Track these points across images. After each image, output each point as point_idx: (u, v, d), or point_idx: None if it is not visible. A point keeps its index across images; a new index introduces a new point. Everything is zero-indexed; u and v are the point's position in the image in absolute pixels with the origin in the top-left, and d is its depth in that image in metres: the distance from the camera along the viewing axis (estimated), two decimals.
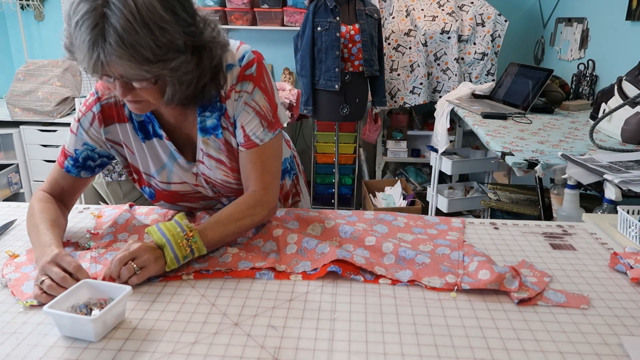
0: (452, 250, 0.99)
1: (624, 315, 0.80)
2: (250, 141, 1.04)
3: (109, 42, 0.80)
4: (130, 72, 0.84)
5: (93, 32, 0.80)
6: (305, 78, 2.93)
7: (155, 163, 1.10)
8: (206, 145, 1.07)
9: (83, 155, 1.09)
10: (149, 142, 1.08)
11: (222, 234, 0.97)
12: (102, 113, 1.06)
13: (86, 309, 0.77)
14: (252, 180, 1.05)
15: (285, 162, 1.27)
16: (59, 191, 1.10)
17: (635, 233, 1.04)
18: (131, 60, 0.82)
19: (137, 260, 0.86)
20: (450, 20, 3.17)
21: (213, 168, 1.09)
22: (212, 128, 1.05)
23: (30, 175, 3.26)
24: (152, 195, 1.15)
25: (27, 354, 0.71)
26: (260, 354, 0.70)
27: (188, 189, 1.14)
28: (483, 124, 2.18)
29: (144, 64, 0.83)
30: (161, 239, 0.89)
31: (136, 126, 1.08)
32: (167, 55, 0.85)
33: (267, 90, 1.04)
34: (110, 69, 0.84)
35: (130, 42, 0.80)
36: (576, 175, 1.42)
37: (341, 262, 0.92)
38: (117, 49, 0.80)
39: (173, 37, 0.85)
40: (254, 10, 3.42)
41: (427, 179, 3.66)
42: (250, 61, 1.02)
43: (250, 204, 1.02)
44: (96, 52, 0.81)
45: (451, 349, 0.72)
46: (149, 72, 0.85)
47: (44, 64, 3.15)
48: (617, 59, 2.45)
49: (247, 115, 1.03)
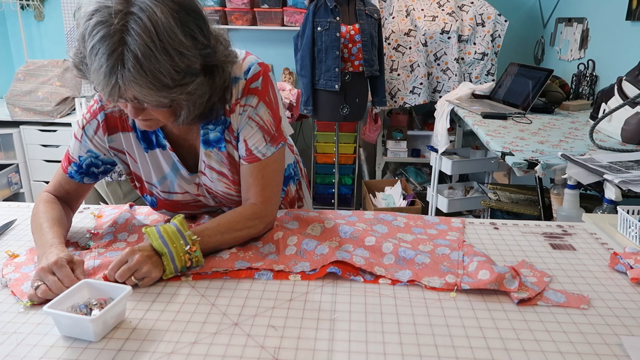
0: (451, 250, 0.99)
1: (624, 315, 0.80)
2: (252, 155, 1.03)
3: (128, 68, 0.78)
4: (147, 99, 0.83)
5: (111, 58, 0.78)
6: (305, 78, 2.93)
7: (157, 173, 1.10)
8: (208, 157, 1.06)
9: (87, 162, 1.08)
10: (151, 152, 1.08)
11: (218, 242, 0.97)
12: (106, 122, 1.06)
13: (86, 309, 0.76)
14: (252, 193, 1.05)
15: (289, 168, 1.26)
16: (63, 194, 1.11)
17: (635, 233, 1.04)
18: (150, 87, 0.80)
19: (137, 273, 0.85)
20: (450, 20, 3.17)
21: (215, 180, 1.08)
22: (215, 141, 1.04)
23: (30, 175, 3.26)
24: (154, 204, 1.15)
25: (27, 354, 0.71)
26: (260, 354, 0.70)
27: (189, 199, 1.13)
28: (483, 124, 2.18)
29: (163, 90, 0.82)
30: (162, 247, 0.88)
31: (139, 136, 1.07)
32: (185, 80, 0.84)
33: (271, 104, 1.03)
34: (127, 94, 0.83)
35: (150, 69, 0.78)
36: (576, 175, 1.42)
37: (341, 263, 0.92)
38: (136, 76, 0.78)
39: (191, 61, 0.84)
40: (254, 10, 3.42)
41: (427, 179, 3.66)
42: (255, 74, 1.01)
43: (250, 216, 1.01)
44: (114, 78, 0.79)
45: (451, 349, 0.72)
46: (167, 97, 0.84)
47: (44, 64, 3.15)
48: (617, 59, 2.45)
49: (251, 130, 1.02)
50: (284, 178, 1.24)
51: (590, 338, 0.74)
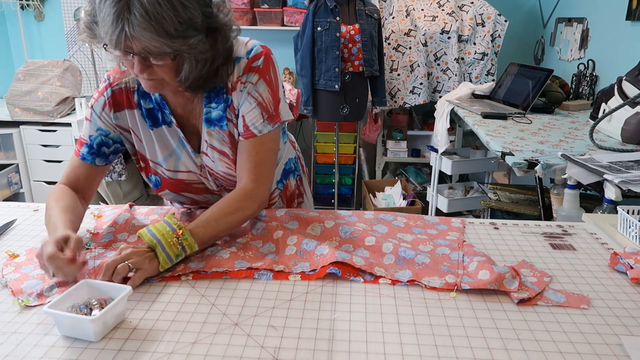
0: (451, 250, 0.99)
1: (624, 315, 0.80)
2: (249, 131, 1.05)
3: (134, 13, 0.84)
4: (152, 46, 0.87)
5: (119, 5, 0.84)
6: (305, 78, 2.93)
7: (163, 150, 1.11)
8: (210, 136, 1.08)
9: (97, 142, 1.10)
10: (157, 130, 1.10)
11: (214, 230, 0.98)
12: (112, 98, 1.08)
13: (86, 309, 0.77)
14: (245, 171, 1.06)
15: (290, 162, 1.28)
16: (75, 181, 1.11)
17: (635, 233, 1.04)
18: (153, 33, 0.85)
19: (130, 262, 0.86)
20: (450, 20, 3.17)
21: (216, 160, 1.09)
22: (217, 119, 1.07)
23: (30, 175, 3.26)
24: (158, 184, 1.16)
25: (27, 354, 0.71)
26: (260, 354, 0.70)
27: (194, 179, 1.15)
28: (483, 124, 2.18)
29: (166, 38, 0.87)
30: (152, 240, 0.90)
31: (144, 113, 1.09)
32: (187, 32, 0.89)
33: (271, 83, 1.06)
34: (133, 42, 0.87)
35: (155, 15, 0.84)
36: (576, 175, 1.42)
37: (340, 263, 0.92)
38: (141, 21, 0.84)
39: (193, 14, 0.89)
40: (254, 10, 3.42)
41: (427, 179, 3.66)
42: (257, 54, 1.05)
43: (241, 198, 1.03)
44: (121, 24, 0.85)
45: (451, 349, 0.72)
46: (170, 46, 0.88)
47: (44, 64, 3.15)
48: (617, 59, 2.45)
49: (249, 106, 1.04)
50: (284, 171, 1.25)
51: (590, 338, 0.74)
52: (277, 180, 1.23)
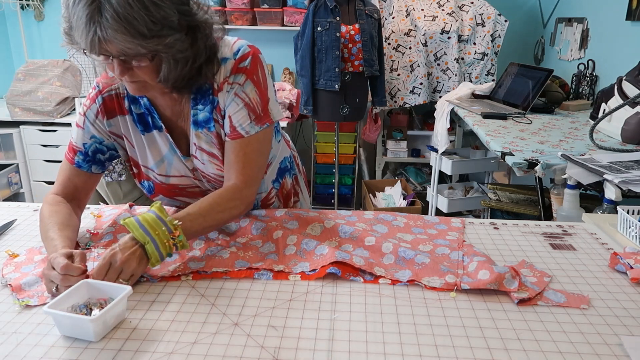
0: (451, 250, 0.99)
1: (624, 315, 0.80)
2: (236, 132, 1.05)
3: (105, 16, 0.83)
4: (126, 47, 0.86)
5: (90, 8, 0.83)
6: (305, 78, 2.93)
7: (154, 156, 1.11)
8: (199, 138, 1.07)
9: (92, 149, 1.10)
10: (148, 135, 1.09)
11: (201, 226, 0.97)
12: (104, 106, 1.08)
13: (86, 309, 0.77)
14: (233, 172, 1.05)
15: (285, 161, 1.27)
16: (72, 190, 1.10)
17: (635, 233, 1.04)
18: (126, 34, 0.84)
19: (123, 274, 0.84)
20: (450, 20, 3.17)
21: (206, 162, 1.09)
22: (205, 121, 1.06)
23: (30, 175, 3.26)
24: (151, 190, 1.16)
25: (27, 354, 0.71)
26: (260, 354, 0.70)
27: (188, 183, 1.14)
28: (483, 124, 2.18)
29: (139, 39, 0.85)
30: (144, 236, 0.87)
31: (135, 118, 1.09)
32: (162, 32, 0.88)
33: (259, 83, 1.05)
34: (108, 45, 0.86)
35: (125, 16, 0.83)
36: (576, 175, 1.42)
37: (340, 263, 0.92)
38: (113, 23, 0.83)
39: (167, 13, 0.88)
40: (254, 10, 3.42)
41: (427, 179, 3.66)
42: (245, 54, 1.04)
43: (230, 197, 1.03)
44: (93, 28, 0.84)
45: (451, 349, 0.72)
46: (144, 47, 0.87)
47: (44, 64, 3.15)
48: (617, 59, 2.45)
49: (236, 107, 1.04)
50: (280, 170, 1.25)
51: (590, 338, 0.74)
52: (273, 179, 1.23)
